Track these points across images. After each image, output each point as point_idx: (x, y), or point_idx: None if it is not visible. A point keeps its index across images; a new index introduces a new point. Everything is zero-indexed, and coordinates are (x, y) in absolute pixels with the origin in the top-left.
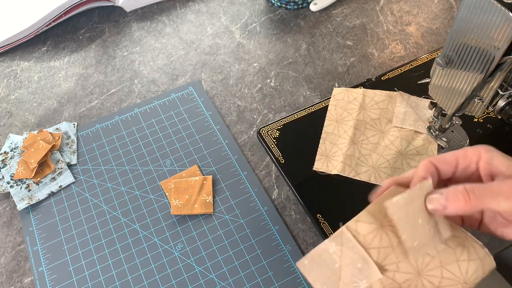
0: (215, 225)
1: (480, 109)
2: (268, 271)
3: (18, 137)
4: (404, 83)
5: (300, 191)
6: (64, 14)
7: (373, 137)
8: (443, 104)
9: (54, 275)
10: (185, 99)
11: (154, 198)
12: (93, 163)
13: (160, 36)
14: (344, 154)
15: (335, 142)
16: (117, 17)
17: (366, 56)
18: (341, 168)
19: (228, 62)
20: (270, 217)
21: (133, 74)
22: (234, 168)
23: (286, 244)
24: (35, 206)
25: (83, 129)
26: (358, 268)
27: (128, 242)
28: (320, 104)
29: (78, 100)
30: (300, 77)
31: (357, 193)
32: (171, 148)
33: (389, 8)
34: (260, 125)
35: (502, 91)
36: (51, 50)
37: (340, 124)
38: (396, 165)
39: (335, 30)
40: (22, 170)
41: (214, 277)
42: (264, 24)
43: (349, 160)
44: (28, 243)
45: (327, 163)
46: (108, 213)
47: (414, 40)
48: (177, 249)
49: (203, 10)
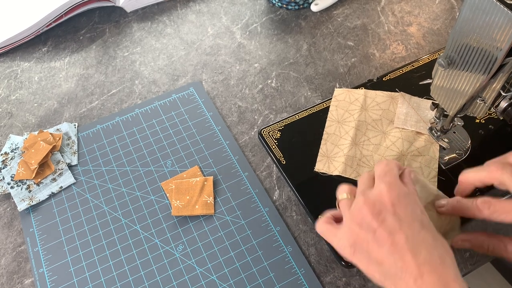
0: (216, 226)
1: (482, 110)
2: (269, 272)
3: (18, 138)
4: (406, 84)
5: (302, 192)
6: (64, 14)
7: (374, 138)
8: (445, 105)
9: (54, 276)
10: (186, 99)
11: (155, 199)
12: (94, 164)
13: (160, 37)
14: (346, 155)
15: (337, 143)
16: (118, 18)
17: (367, 57)
18: (343, 169)
19: (229, 63)
20: (271, 218)
21: (134, 74)
22: (235, 169)
23: (287, 245)
24: (35, 207)
25: (83, 129)
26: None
27: (129, 243)
28: (321, 104)
29: (78, 101)
30: (301, 78)
31: None
32: (172, 149)
33: (390, 8)
34: (261, 126)
35: (505, 92)
36: (51, 50)
37: (341, 125)
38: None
39: (336, 31)
40: (22, 171)
41: (215, 278)
42: (265, 24)
43: (351, 161)
44: (29, 244)
45: (329, 164)
46: (109, 214)
47: (415, 40)
48: (178, 250)
49: (204, 10)
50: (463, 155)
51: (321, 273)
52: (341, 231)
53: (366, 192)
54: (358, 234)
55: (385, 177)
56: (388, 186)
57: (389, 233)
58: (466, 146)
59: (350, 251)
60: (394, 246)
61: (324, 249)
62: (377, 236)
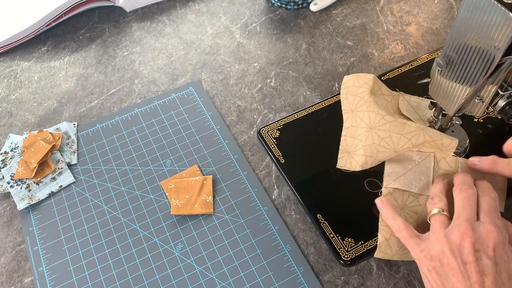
0: (215, 225)
1: (480, 109)
2: (268, 271)
3: (18, 137)
4: (404, 83)
5: (300, 191)
6: (64, 14)
7: (388, 116)
8: (443, 104)
9: (54, 275)
10: (185, 99)
11: (154, 198)
12: (93, 163)
13: (160, 36)
14: (364, 145)
15: (355, 135)
16: (117, 17)
17: (366, 56)
18: (363, 162)
19: (228, 62)
20: (270, 217)
21: (133, 74)
22: (234, 168)
23: (286, 244)
24: (35, 206)
25: (83, 129)
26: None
27: (128, 242)
28: (321, 104)
29: (78, 100)
30: (300, 77)
31: (358, 193)
32: (171, 148)
33: (389, 8)
34: (260, 125)
35: (502, 91)
36: (51, 50)
37: (355, 114)
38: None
39: (335, 30)
40: (22, 170)
41: (214, 277)
42: (264, 24)
43: (370, 151)
44: (28, 243)
45: (350, 159)
46: (108, 213)
47: (414, 40)
48: (177, 249)
49: (203, 10)
50: (462, 154)
51: (320, 272)
52: (426, 245)
53: (474, 224)
54: (446, 257)
55: (494, 217)
56: (498, 231)
57: (480, 272)
58: (465, 145)
59: (429, 265)
60: (479, 286)
61: (323, 248)
62: (466, 269)
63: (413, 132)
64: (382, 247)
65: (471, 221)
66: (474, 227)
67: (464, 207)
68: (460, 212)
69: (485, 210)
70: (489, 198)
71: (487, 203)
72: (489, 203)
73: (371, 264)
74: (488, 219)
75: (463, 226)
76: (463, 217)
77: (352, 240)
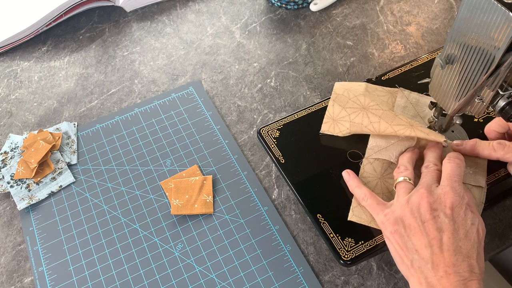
0: (215, 225)
1: (480, 109)
2: (268, 271)
3: (18, 137)
4: (404, 83)
5: (300, 191)
6: (64, 14)
7: (383, 105)
8: (443, 104)
9: (54, 275)
10: (185, 99)
11: (154, 198)
12: (93, 163)
13: (160, 36)
14: (351, 122)
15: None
16: (117, 17)
17: (366, 56)
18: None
19: (228, 62)
20: (270, 217)
21: (133, 74)
22: (234, 168)
23: (286, 244)
24: (35, 206)
25: (83, 129)
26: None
27: (128, 242)
28: (321, 104)
29: (78, 100)
30: (300, 77)
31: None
32: (171, 148)
33: (389, 8)
34: (260, 125)
35: (502, 91)
36: (51, 50)
37: (349, 92)
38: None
39: (335, 30)
40: (22, 170)
41: (214, 277)
42: (264, 24)
43: (355, 128)
44: (28, 243)
45: (334, 126)
46: (108, 213)
47: (414, 40)
48: (177, 249)
49: (203, 10)
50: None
51: (320, 272)
52: (390, 210)
53: (431, 188)
54: (407, 218)
55: (453, 181)
56: (454, 192)
57: (437, 229)
58: None
59: (391, 229)
60: (437, 242)
61: (323, 247)
62: (425, 227)
63: (402, 125)
64: (356, 210)
65: (430, 185)
66: (432, 189)
67: (425, 177)
68: (422, 181)
69: (446, 175)
70: (454, 164)
71: (451, 168)
72: (452, 168)
73: (371, 264)
74: (447, 183)
75: (422, 189)
76: (422, 183)
77: (352, 240)
